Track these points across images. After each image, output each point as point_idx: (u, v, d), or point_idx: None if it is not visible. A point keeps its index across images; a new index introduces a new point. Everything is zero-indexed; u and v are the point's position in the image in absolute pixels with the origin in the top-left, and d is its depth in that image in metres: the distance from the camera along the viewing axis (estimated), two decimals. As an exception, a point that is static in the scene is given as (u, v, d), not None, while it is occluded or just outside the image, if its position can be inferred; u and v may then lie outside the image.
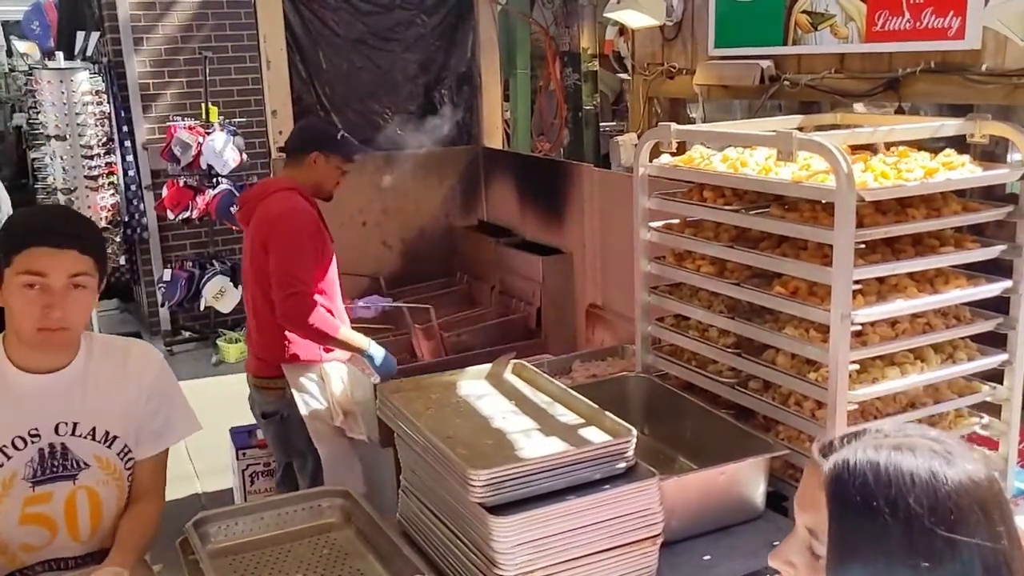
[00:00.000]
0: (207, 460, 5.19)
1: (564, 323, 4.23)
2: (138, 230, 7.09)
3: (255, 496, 4.31)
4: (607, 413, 2.04)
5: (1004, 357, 2.19)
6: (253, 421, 4.95)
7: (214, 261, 6.95)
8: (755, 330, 2.24)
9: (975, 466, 1.05)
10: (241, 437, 4.42)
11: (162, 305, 7.12)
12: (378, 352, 3.42)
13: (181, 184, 6.73)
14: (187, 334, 7.32)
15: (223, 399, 6.09)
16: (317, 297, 3.26)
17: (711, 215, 2.36)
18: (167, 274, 6.91)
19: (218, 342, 6.96)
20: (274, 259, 3.26)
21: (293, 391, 3.42)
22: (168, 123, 6.78)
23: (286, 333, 3.35)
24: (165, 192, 6.78)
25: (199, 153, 6.51)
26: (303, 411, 3.41)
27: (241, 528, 2.18)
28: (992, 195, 2.55)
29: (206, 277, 6.79)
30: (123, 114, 6.90)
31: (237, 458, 4.34)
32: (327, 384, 3.46)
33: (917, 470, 1.02)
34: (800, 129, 2.39)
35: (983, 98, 2.81)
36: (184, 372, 6.64)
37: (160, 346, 7.28)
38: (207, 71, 6.74)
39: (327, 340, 3.35)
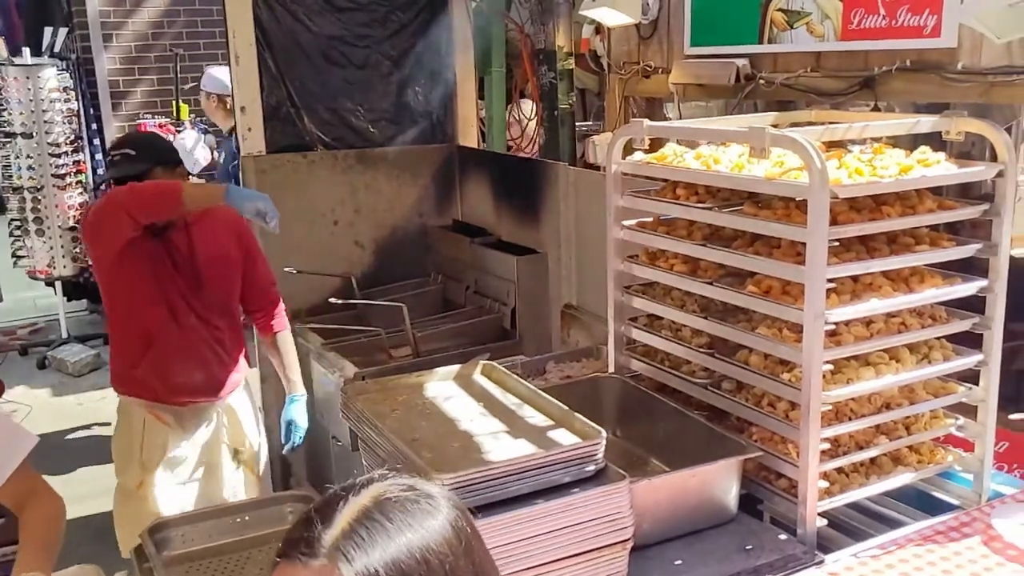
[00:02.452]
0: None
1: (539, 324, 4.18)
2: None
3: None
4: (577, 415, 1.99)
5: (980, 357, 2.16)
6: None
7: (185, 261, 6.84)
8: (728, 330, 2.20)
9: (446, 501, 1.08)
10: (209, 440, 4.33)
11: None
12: (236, 190, 3.03)
13: (150, 182, 6.63)
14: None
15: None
16: None
17: (684, 213, 2.32)
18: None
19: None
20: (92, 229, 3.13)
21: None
22: (138, 121, 6.70)
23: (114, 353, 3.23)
24: (137, 191, 6.67)
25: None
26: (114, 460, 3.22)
27: (200, 534, 2.13)
28: (969, 195, 2.53)
29: (177, 277, 6.69)
30: (92, 112, 6.80)
31: (205, 461, 4.25)
32: (136, 431, 3.17)
33: (427, 545, 1.02)
34: (774, 126, 2.35)
35: (959, 96, 2.79)
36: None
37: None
38: (178, 68, 6.65)
39: (168, 193, 2.88)
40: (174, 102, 6.69)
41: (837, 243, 1.98)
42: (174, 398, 3.16)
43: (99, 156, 6.81)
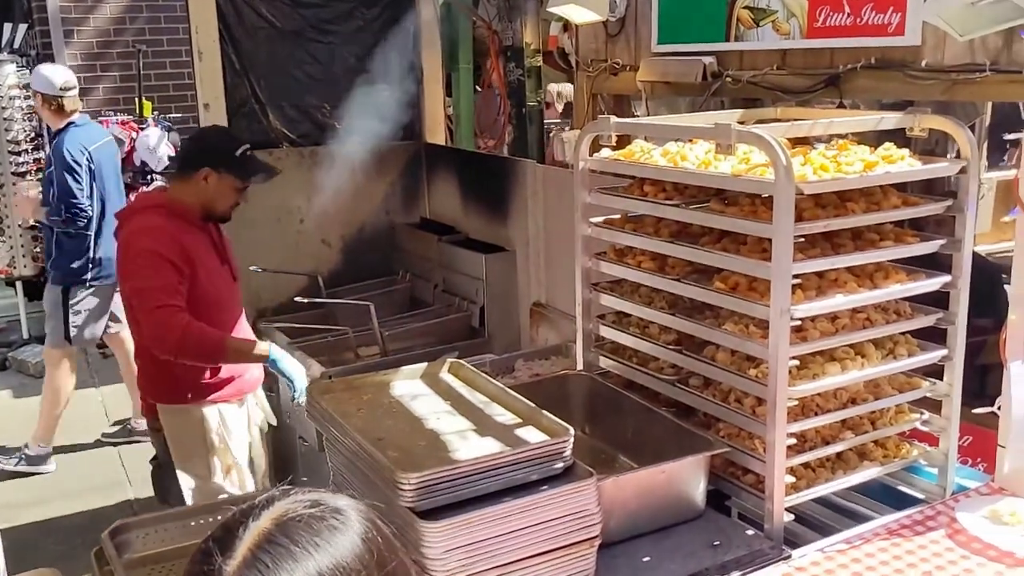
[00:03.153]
0: (139, 466, 5.03)
1: (508, 322, 4.17)
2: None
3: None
4: (544, 412, 1.98)
5: (944, 352, 2.18)
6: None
7: (149, 260, 6.75)
8: (695, 326, 2.20)
9: (356, 514, 1.01)
10: (174, 441, 4.27)
11: (95, 306, 6.89)
12: (279, 353, 3.07)
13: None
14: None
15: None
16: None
17: (651, 210, 2.32)
18: (99, 274, 6.70)
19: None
20: (128, 286, 2.98)
21: (167, 439, 3.11)
22: (100, 118, 6.58)
23: (158, 367, 3.00)
24: (97, 189, 6.57)
25: (132, 149, 6.33)
26: (178, 468, 3.09)
27: (162, 536, 2.09)
28: (933, 192, 2.55)
29: (140, 277, 6.60)
30: (53, 109, 6.68)
31: (170, 463, 4.20)
32: (205, 432, 3.10)
33: (338, 564, 0.95)
34: (741, 123, 2.35)
35: (923, 94, 2.81)
36: (118, 375, 6.45)
37: (93, 349, 7.06)
38: (141, 65, 6.56)
39: (214, 354, 2.98)
40: (137, 99, 6.60)
41: (802, 239, 1.98)
42: (249, 387, 3.23)
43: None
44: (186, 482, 3.08)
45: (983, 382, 2.85)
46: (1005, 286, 3.60)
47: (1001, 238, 4.69)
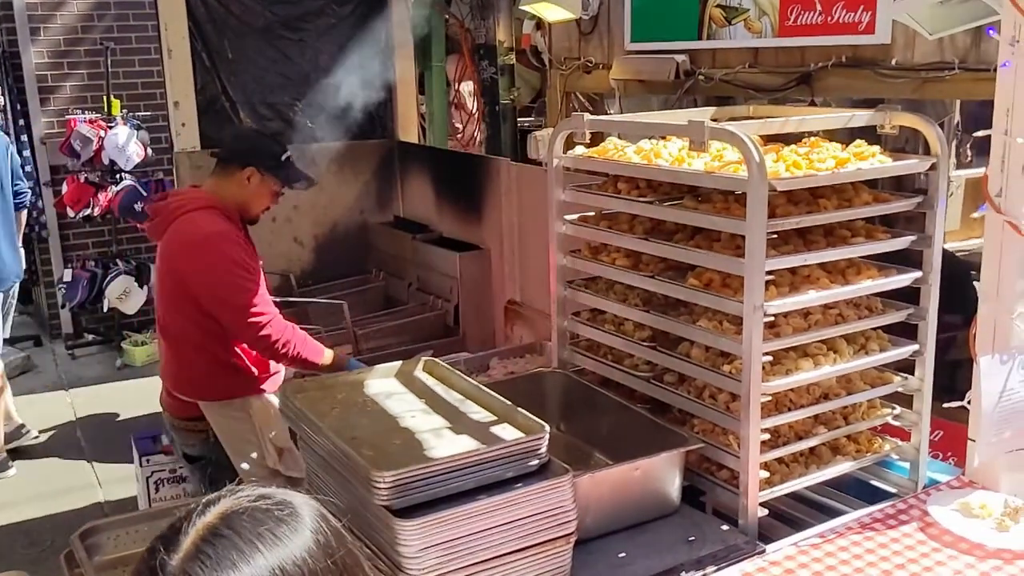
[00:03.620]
0: (110, 468, 4.99)
1: (482, 320, 4.17)
2: (36, 228, 6.77)
3: (161, 504, 4.12)
4: (520, 409, 1.98)
5: (915, 347, 2.20)
6: (158, 426, 4.79)
7: (118, 260, 6.68)
8: (670, 323, 2.20)
9: (305, 507, 1.01)
10: (145, 443, 4.24)
11: (63, 307, 6.82)
12: (357, 367, 3.07)
13: (82, 180, 6.46)
14: (90, 337, 7.04)
15: (128, 404, 5.88)
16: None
17: (625, 207, 2.32)
18: (68, 274, 6.62)
19: (123, 344, 6.70)
20: (215, 300, 2.92)
21: (218, 435, 3.08)
22: (68, 116, 6.50)
23: (210, 366, 3.01)
24: (65, 188, 6.50)
25: (101, 148, 6.25)
26: (234, 460, 3.06)
27: (133, 538, 2.06)
28: (902, 189, 2.57)
29: (109, 277, 6.53)
30: (19, 107, 6.60)
31: (141, 465, 4.17)
32: (255, 421, 3.10)
33: (285, 555, 0.95)
34: (714, 120, 2.36)
35: (893, 92, 2.84)
36: (87, 376, 6.38)
37: (61, 350, 6.98)
38: (109, 63, 6.47)
39: (313, 367, 3.02)
40: (105, 97, 6.51)
41: (775, 236, 1.99)
42: (283, 380, 3.21)
43: (27, 152, 6.60)
44: (245, 472, 3.08)
45: (953, 378, 2.88)
46: (974, 283, 3.67)
47: (970, 235, 4.75)
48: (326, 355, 3.07)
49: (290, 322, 3.01)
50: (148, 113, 6.72)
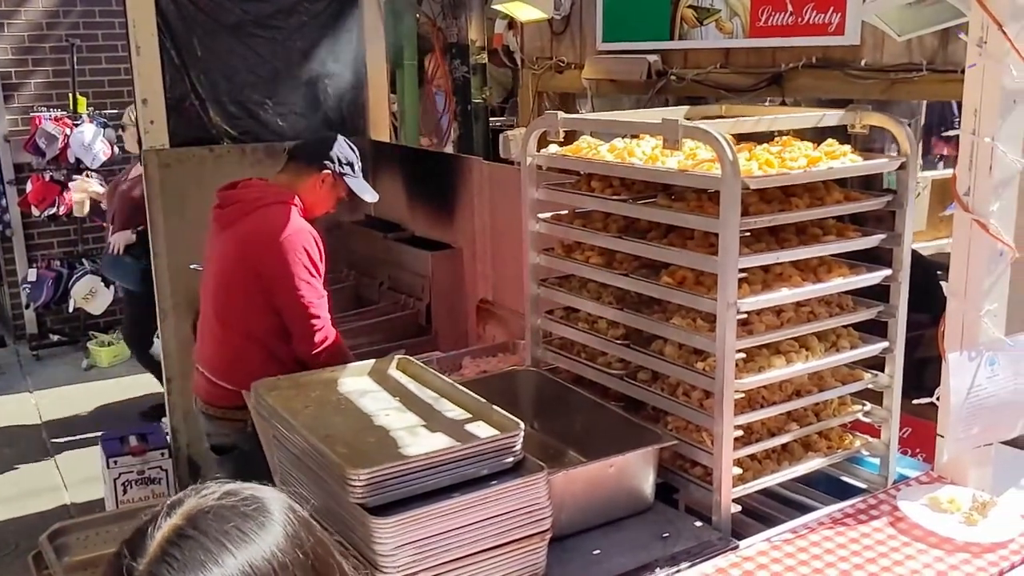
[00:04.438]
0: (76, 470, 4.93)
1: (454, 319, 4.16)
2: (0, 227, 6.66)
3: (127, 505, 4.08)
4: (495, 407, 1.97)
5: (885, 345, 2.23)
6: (127, 426, 4.73)
7: (83, 260, 6.60)
8: (643, 321, 2.21)
9: (275, 502, 1.00)
10: (112, 445, 4.19)
11: (27, 307, 6.73)
12: None
13: (47, 178, 6.37)
14: (55, 337, 6.94)
15: (94, 405, 5.81)
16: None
17: (599, 205, 2.33)
18: (32, 274, 6.53)
19: (89, 345, 6.61)
20: (289, 297, 2.94)
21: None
22: (32, 114, 6.40)
23: (266, 358, 2.99)
24: (29, 187, 6.40)
25: (66, 146, 6.17)
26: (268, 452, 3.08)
27: (103, 538, 2.04)
28: (870, 189, 2.60)
29: (75, 277, 6.45)
30: (-17, 104, 6.49)
31: (108, 466, 4.12)
32: None
33: (254, 553, 0.93)
34: (687, 119, 2.37)
35: (863, 93, 2.88)
36: (52, 378, 6.30)
37: (26, 351, 6.87)
38: (75, 60, 6.39)
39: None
40: (71, 95, 6.43)
41: (748, 234, 2.01)
42: None
43: (-9, 149, 6.51)
44: None
45: (921, 375, 2.92)
46: (941, 282, 3.72)
47: (936, 236, 4.82)
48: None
49: (335, 329, 3.05)
50: (115, 111, 6.64)
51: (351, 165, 3.20)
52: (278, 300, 2.96)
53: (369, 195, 3.30)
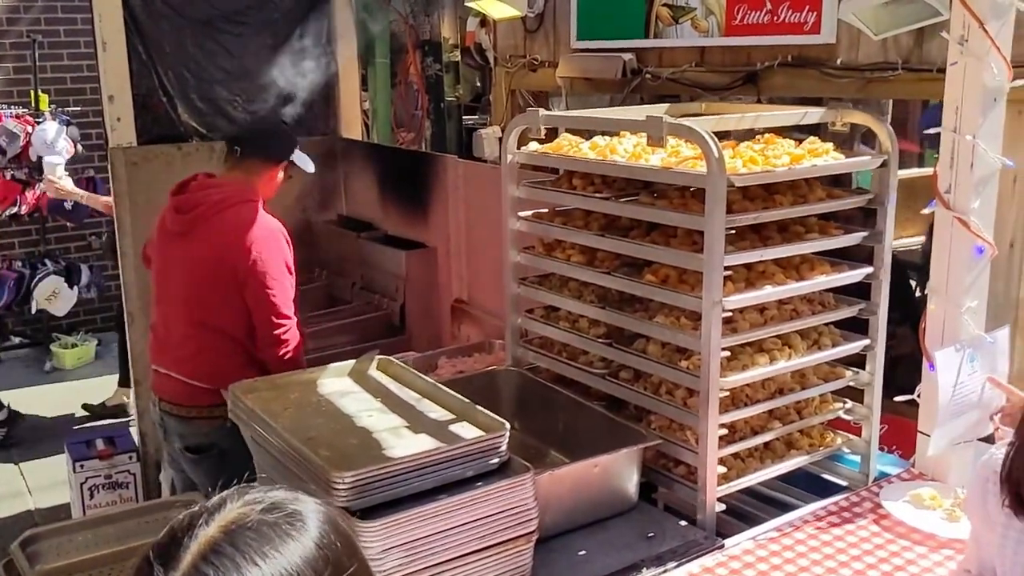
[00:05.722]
0: (40, 474, 4.81)
1: (429, 319, 4.12)
2: (-40, 227, 6.51)
3: (96, 511, 3.99)
4: (479, 407, 1.95)
5: (866, 342, 2.23)
6: (91, 431, 4.64)
7: (46, 260, 6.46)
8: (626, 319, 2.20)
9: (314, 517, 0.95)
10: (78, 448, 4.10)
11: (-12, 308, 6.57)
12: None
13: (7, 177, 6.22)
14: (17, 339, 6.79)
15: (58, 408, 5.69)
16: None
17: (580, 203, 2.31)
18: (-7, 274, 6.38)
19: (52, 347, 6.47)
20: (260, 295, 2.92)
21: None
22: (-8, 111, 6.26)
23: (243, 358, 2.97)
24: (-10, 186, 6.25)
25: (28, 143, 6.03)
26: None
27: (77, 545, 1.99)
28: (838, 187, 2.61)
29: (37, 278, 6.31)
30: (-59, 100, 6.33)
31: (75, 471, 4.02)
32: None
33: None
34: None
35: (838, 91, 2.89)
36: (14, 380, 6.17)
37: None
38: (36, 56, 6.26)
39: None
40: (32, 92, 6.29)
41: (732, 231, 2.00)
42: None
43: (-51, 148, 6.34)
44: None
45: (892, 373, 2.94)
46: (911, 280, 3.75)
47: (901, 235, 4.86)
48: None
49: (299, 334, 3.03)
50: (78, 108, 6.51)
51: (294, 147, 3.24)
52: (249, 298, 2.95)
53: (310, 166, 3.33)
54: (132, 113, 4.05)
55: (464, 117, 4.94)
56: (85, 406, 5.60)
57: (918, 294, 3.50)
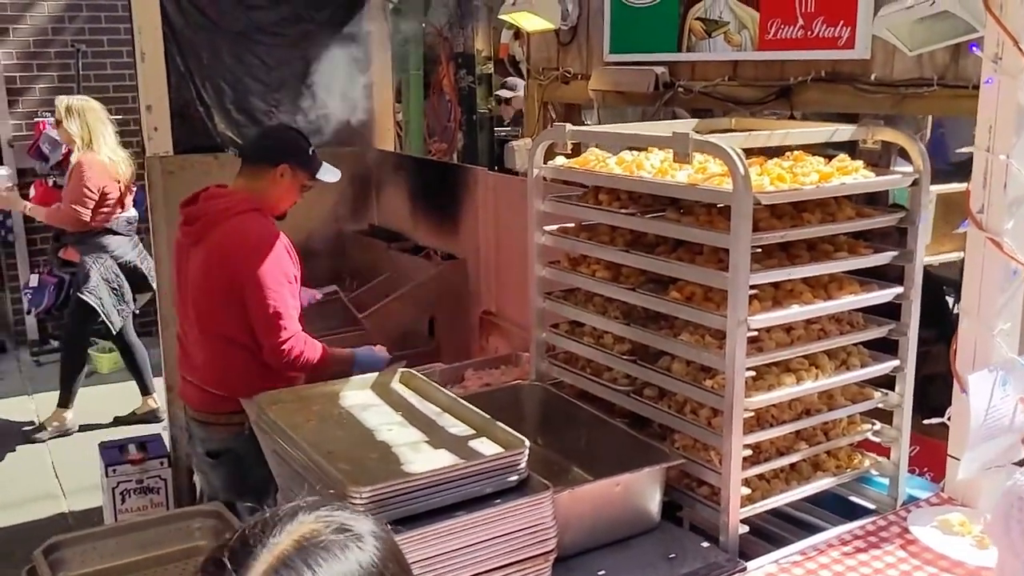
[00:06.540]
0: (75, 477, 4.88)
1: (457, 331, 4.13)
2: (2, 232, 6.64)
3: (127, 516, 4.04)
4: (499, 424, 1.94)
5: (896, 363, 2.19)
6: (125, 433, 4.70)
7: (87, 266, 6.55)
8: (650, 336, 2.18)
9: (372, 539, 0.99)
10: (111, 453, 4.15)
11: (28, 313, 6.69)
12: (364, 357, 3.15)
13: (50, 184, 6.33)
14: (56, 344, 6.90)
15: (94, 412, 5.77)
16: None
17: (606, 218, 2.30)
18: (34, 279, 6.48)
19: (90, 352, 6.57)
20: (259, 304, 2.92)
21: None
22: (36, 119, 6.39)
23: (255, 365, 2.98)
24: (32, 192, 6.36)
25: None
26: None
27: (100, 553, 2.00)
28: (873, 204, 2.57)
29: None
30: (-14, 108, 6.48)
31: (107, 475, 4.07)
32: None
33: None
34: (696, 132, 2.34)
35: (872, 107, 2.84)
36: (53, 384, 6.26)
37: (26, 356, 6.85)
38: (80, 65, 6.38)
39: (319, 371, 3.02)
40: (76, 100, 6.41)
41: (759, 250, 1.97)
42: None
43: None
44: None
45: (925, 392, 2.89)
46: (947, 297, 3.68)
47: (939, 250, 4.77)
48: (328, 361, 3.06)
49: (306, 334, 3.02)
50: (119, 117, 6.61)
51: (303, 151, 3.16)
52: (249, 306, 2.95)
53: (331, 175, 3.26)
54: (169, 123, 4.11)
55: (496, 129, 4.95)
56: (117, 419, 5.67)
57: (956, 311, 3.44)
